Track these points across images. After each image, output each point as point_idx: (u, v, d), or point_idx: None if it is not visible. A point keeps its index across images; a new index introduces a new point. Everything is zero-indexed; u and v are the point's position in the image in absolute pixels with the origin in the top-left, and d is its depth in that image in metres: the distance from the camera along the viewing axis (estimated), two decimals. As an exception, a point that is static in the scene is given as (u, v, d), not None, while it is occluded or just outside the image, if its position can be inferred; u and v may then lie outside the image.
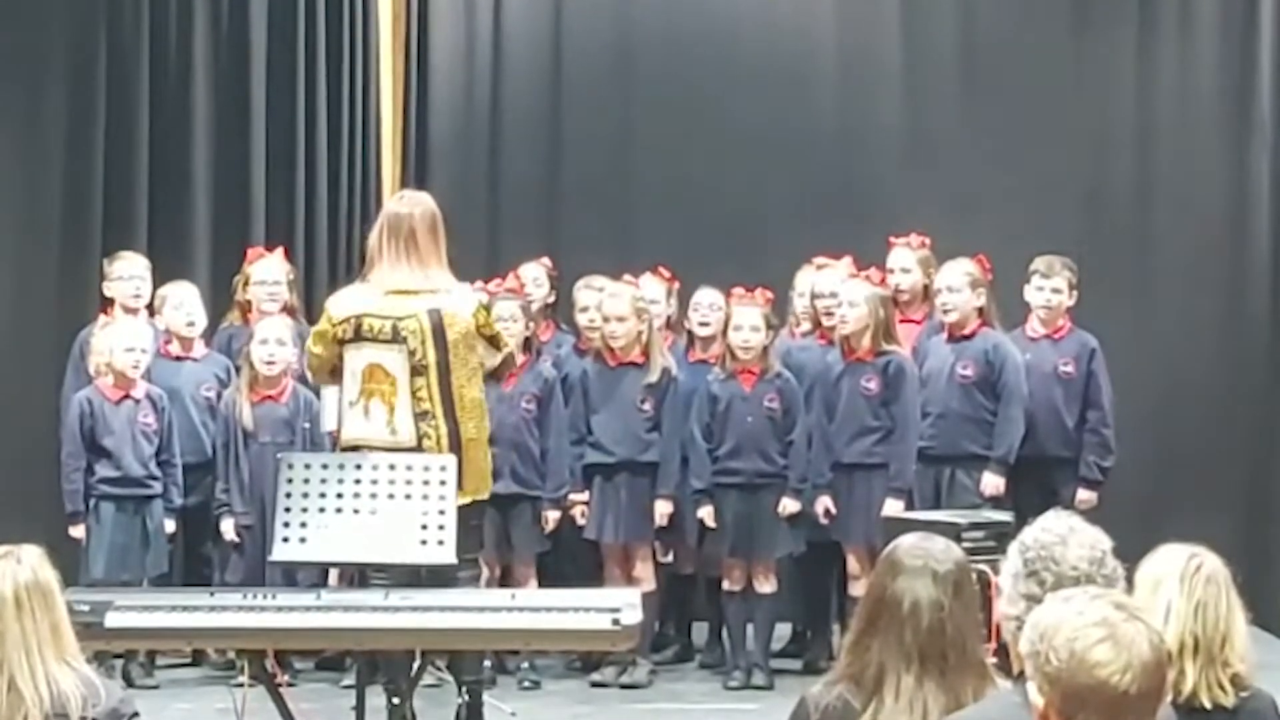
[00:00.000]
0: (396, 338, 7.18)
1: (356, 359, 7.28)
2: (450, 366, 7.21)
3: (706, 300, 9.22)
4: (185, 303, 9.15)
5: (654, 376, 8.95)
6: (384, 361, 7.23)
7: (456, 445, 7.18)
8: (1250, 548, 9.09)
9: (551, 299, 9.51)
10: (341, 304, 7.37)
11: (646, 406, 8.96)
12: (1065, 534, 3.83)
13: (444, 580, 6.82)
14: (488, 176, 10.85)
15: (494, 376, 7.52)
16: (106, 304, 9.20)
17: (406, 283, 7.23)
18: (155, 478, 8.75)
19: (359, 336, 7.24)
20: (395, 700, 6.83)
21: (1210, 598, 4.32)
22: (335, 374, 7.40)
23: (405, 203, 7.46)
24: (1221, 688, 4.31)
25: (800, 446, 8.88)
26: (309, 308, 9.72)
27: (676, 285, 9.41)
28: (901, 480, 8.70)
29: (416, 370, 7.18)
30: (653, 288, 9.30)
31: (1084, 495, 8.77)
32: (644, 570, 8.93)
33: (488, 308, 7.47)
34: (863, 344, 8.79)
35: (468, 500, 7.15)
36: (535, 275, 9.40)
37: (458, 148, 10.91)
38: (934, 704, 3.91)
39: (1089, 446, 8.91)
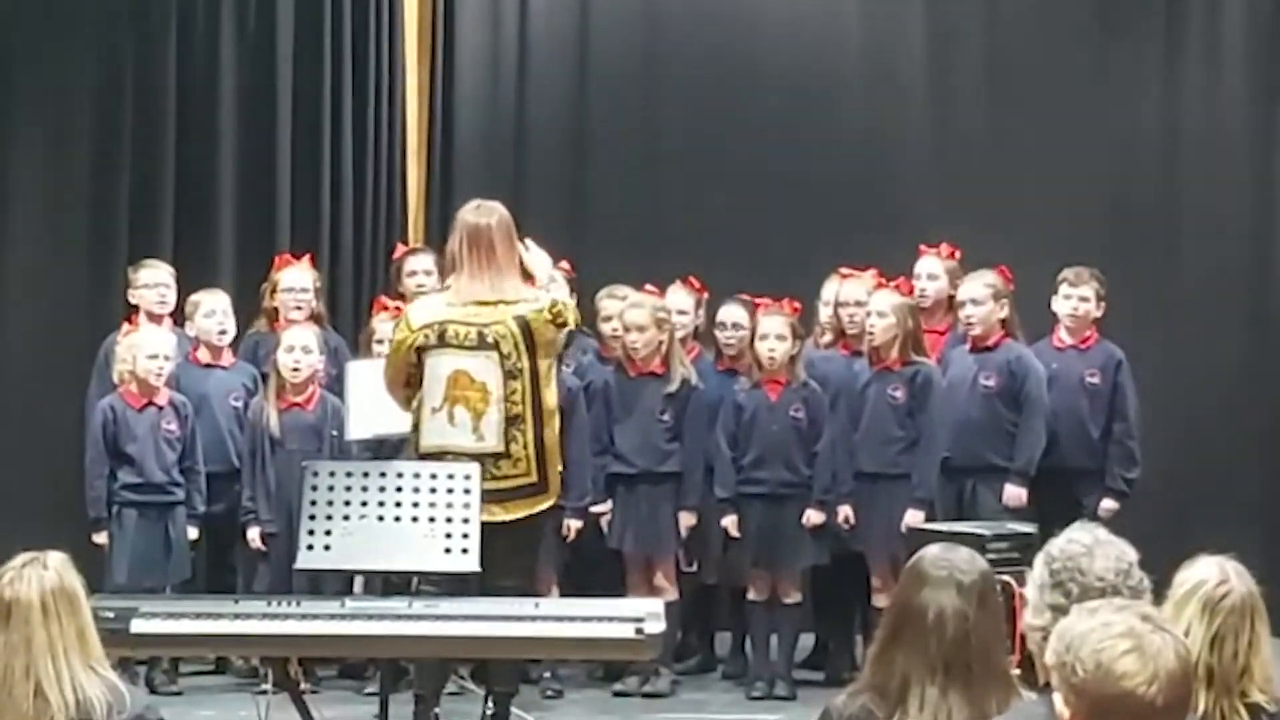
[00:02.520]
0: (483, 344, 7.24)
1: (441, 365, 7.31)
2: (539, 373, 7.28)
3: (730, 319, 9.19)
4: (218, 310, 9.16)
5: (674, 386, 8.95)
6: (470, 368, 7.28)
7: (541, 449, 7.27)
8: (1273, 559, 9.04)
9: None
10: (422, 312, 7.44)
11: (666, 417, 8.95)
12: (1091, 545, 3.82)
13: (491, 591, 6.86)
14: (513, 184, 10.85)
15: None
16: (131, 312, 9.21)
17: (488, 294, 7.31)
18: (178, 484, 8.75)
19: (443, 343, 7.29)
20: (423, 707, 6.85)
21: (1231, 629, 4.23)
22: (410, 386, 7.41)
23: (482, 212, 7.49)
24: (1238, 715, 4.27)
25: (825, 457, 8.87)
26: (334, 315, 9.76)
27: (705, 296, 9.40)
28: (924, 491, 8.70)
29: (511, 374, 7.25)
30: (682, 298, 9.29)
31: (1108, 505, 8.76)
32: (665, 580, 8.92)
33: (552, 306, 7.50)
34: (891, 354, 8.79)
35: (551, 502, 7.28)
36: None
37: (483, 155, 10.92)
38: (958, 715, 3.90)
39: (1114, 457, 8.90)
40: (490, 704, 7.52)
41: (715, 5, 10.99)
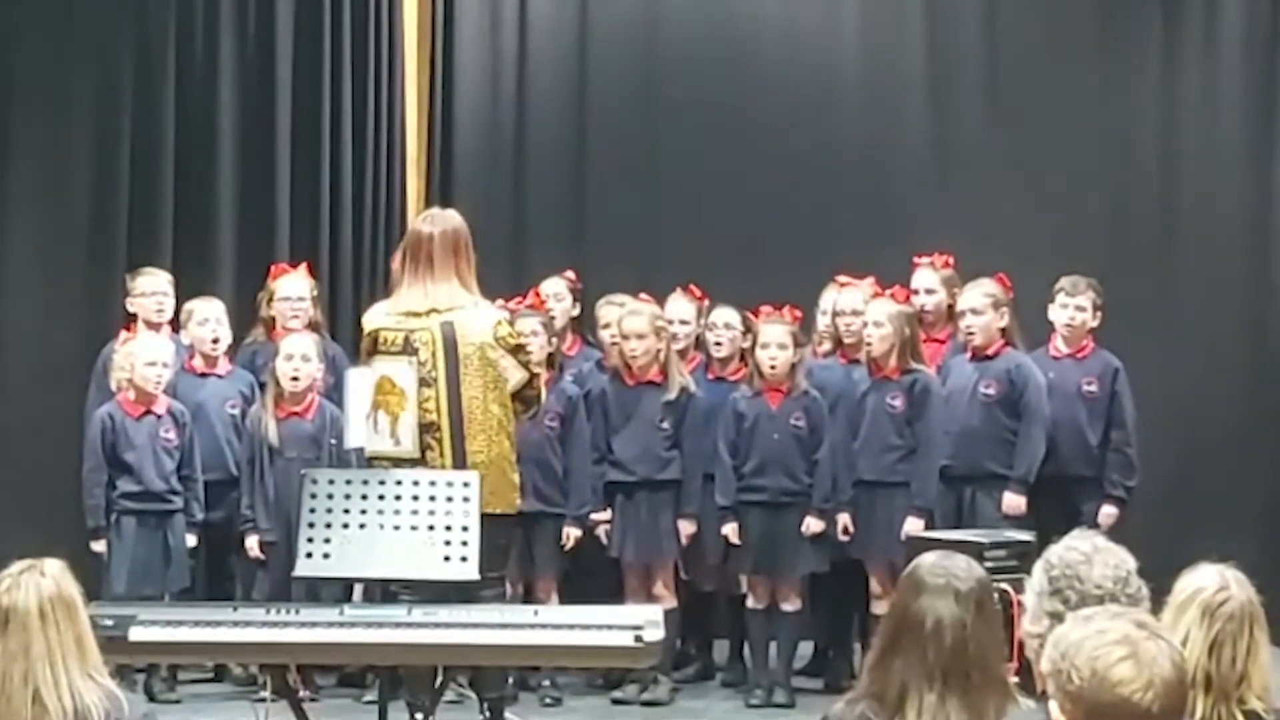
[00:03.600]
0: (407, 348, 7.25)
1: (373, 371, 7.35)
2: (460, 380, 7.25)
3: (721, 320, 9.21)
4: (211, 319, 9.16)
5: (672, 395, 8.95)
6: (393, 373, 7.30)
7: (461, 461, 7.21)
8: (1271, 568, 9.04)
9: (575, 312, 9.50)
10: (371, 316, 7.47)
11: (665, 425, 8.96)
12: (1090, 553, 3.82)
13: (469, 597, 6.84)
14: (512, 193, 10.86)
15: (521, 402, 7.51)
16: (130, 320, 9.22)
17: (419, 304, 7.31)
18: (176, 493, 8.75)
19: (376, 348, 7.33)
20: (418, 716, 6.84)
21: (1229, 636, 4.23)
22: None
23: (427, 222, 7.55)
24: None
25: (825, 466, 8.88)
26: (333, 324, 9.77)
27: (705, 304, 9.41)
28: (923, 499, 8.70)
29: (425, 382, 7.23)
30: (683, 307, 9.30)
31: (1109, 513, 8.77)
32: (664, 588, 8.92)
33: (510, 321, 7.51)
34: (889, 362, 8.79)
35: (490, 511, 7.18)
36: (556, 290, 9.38)
37: (482, 164, 10.92)
38: (956, 722, 3.91)
39: (1113, 465, 8.90)
40: (486, 712, 7.53)
41: (714, 17, 10.99)
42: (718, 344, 9.23)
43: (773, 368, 8.86)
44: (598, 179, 10.96)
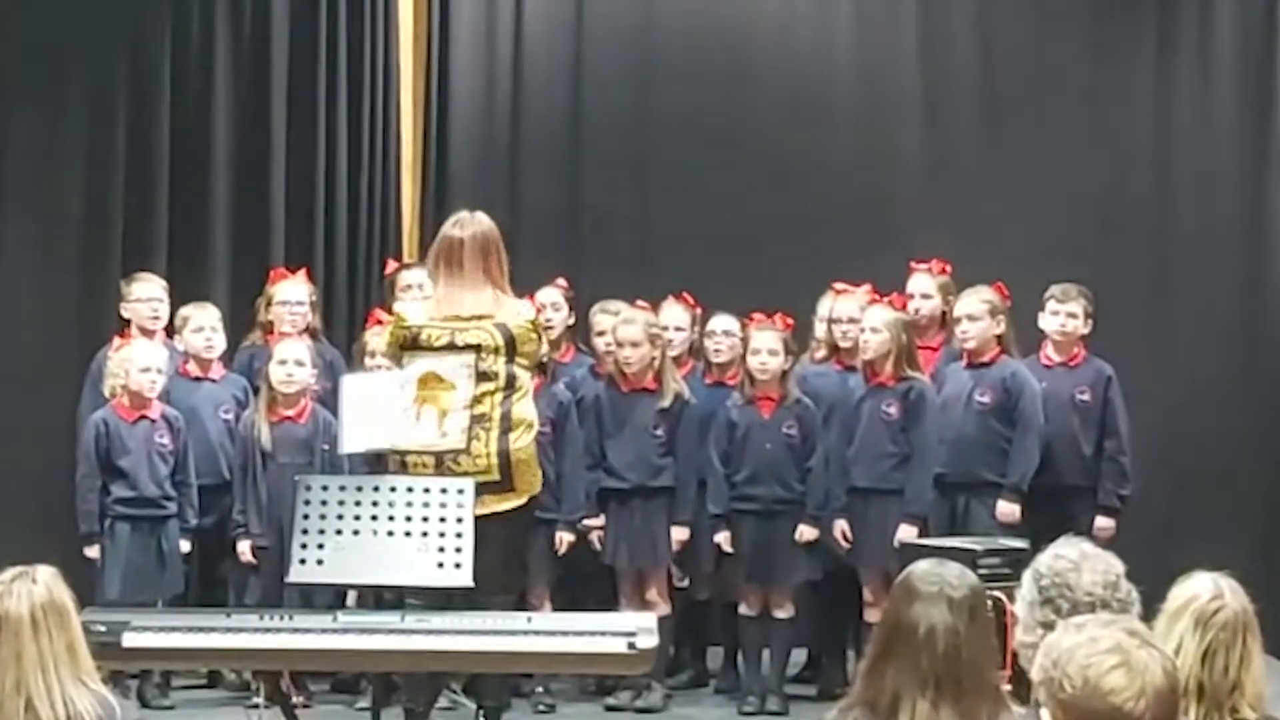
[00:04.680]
0: (454, 346, 7.28)
1: (413, 368, 7.36)
2: (515, 381, 7.32)
3: (720, 327, 9.22)
4: (205, 326, 9.15)
5: (666, 402, 8.95)
6: (439, 369, 7.33)
7: (506, 456, 7.27)
8: (1265, 575, 9.04)
9: (570, 320, 9.51)
10: (412, 312, 7.58)
11: (659, 432, 8.96)
12: (1079, 560, 3.83)
13: (478, 604, 6.85)
14: (508, 200, 10.84)
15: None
16: (124, 325, 9.21)
17: (460, 308, 7.37)
18: (170, 498, 8.74)
19: (416, 346, 7.36)
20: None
21: (1223, 644, 4.23)
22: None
23: (457, 227, 7.63)
24: None
25: (818, 473, 8.88)
26: (328, 329, 9.77)
27: (700, 311, 9.41)
28: (917, 506, 8.70)
29: (485, 376, 7.29)
30: (678, 314, 9.31)
31: (1103, 523, 8.76)
32: (657, 595, 8.92)
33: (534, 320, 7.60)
34: (885, 369, 8.79)
35: (523, 500, 7.26)
36: (553, 299, 9.38)
37: (478, 171, 10.91)
38: (949, 730, 3.91)
39: (1107, 474, 8.90)
40: (481, 718, 7.52)
41: (709, 23, 10.98)
42: (717, 350, 9.24)
43: (763, 373, 8.87)
44: (592, 186, 10.95)
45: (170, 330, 9.27)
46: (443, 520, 6.83)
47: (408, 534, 6.82)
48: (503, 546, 7.23)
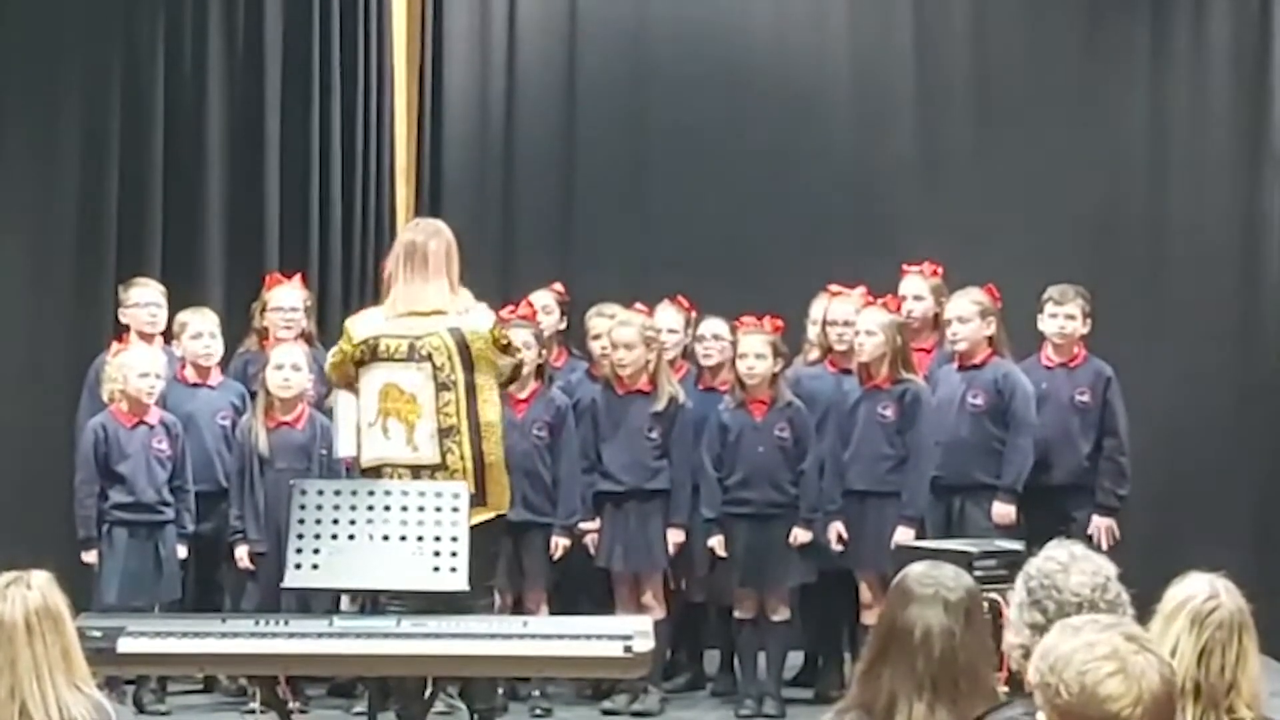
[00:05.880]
0: (414, 356, 7.28)
1: (372, 380, 7.37)
2: (476, 386, 7.31)
3: (710, 331, 9.21)
4: (204, 333, 9.14)
5: (661, 405, 8.95)
6: (400, 380, 7.31)
7: (480, 464, 7.26)
8: (1259, 577, 9.04)
9: (563, 325, 9.52)
10: (360, 326, 7.49)
11: (654, 435, 8.95)
12: (1067, 562, 3.83)
13: (459, 608, 6.84)
14: (502, 203, 10.86)
15: (505, 385, 7.67)
16: (122, 331, 9.21)
17: (419, 304, 7.35)
18: (168, 504, 8.73)
19: (375, 357, 7.34)
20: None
21: (1219, 645, 4.22)
22: (352, 387, 7.54)
23: (418, 230, 7.65)
24: None
25: (812, 476, 8.87)
26: (322, 335, 9.76)
27: (694, 314, 9.41)
28: (913, 509, 8.70)
29: (444, 386, 7.27)
30: (671, 317, 9.31)
31: (1101, 523, 8.77)
32: (653, 598, 8.92)
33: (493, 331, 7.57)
34: (880, 371, 8.79)
35: (491, 515, 7.25)
36: (545, 303, 9.39)
37: (472, 175, 10.92)
38: (945, 732, 3.91)
39: (1106, 474, 8.89)
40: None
41: (703, 27, 10.98)
42: (707, 355, 9.24)
43: (751, 377, 8.86)
44: (586, 189, 10.95)
45: (168, 336, 9.27)
46: (438, 524, 6.83)
47: (403, 538, 6.82)
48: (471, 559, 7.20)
